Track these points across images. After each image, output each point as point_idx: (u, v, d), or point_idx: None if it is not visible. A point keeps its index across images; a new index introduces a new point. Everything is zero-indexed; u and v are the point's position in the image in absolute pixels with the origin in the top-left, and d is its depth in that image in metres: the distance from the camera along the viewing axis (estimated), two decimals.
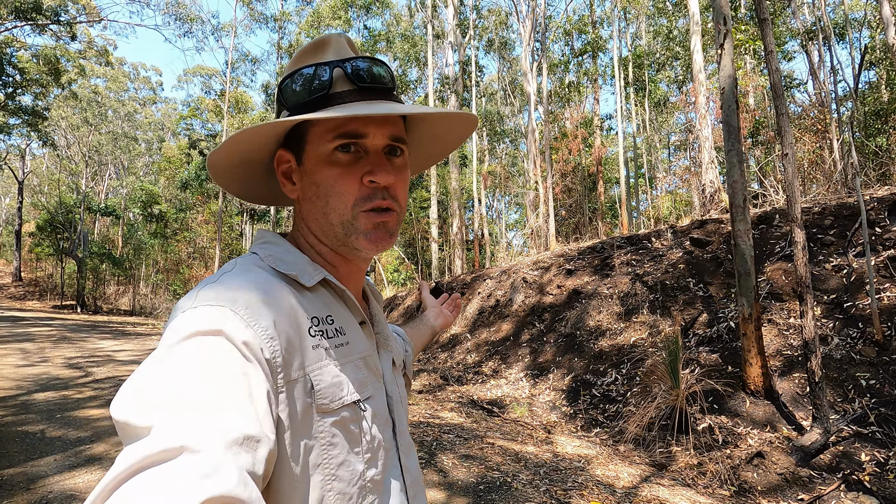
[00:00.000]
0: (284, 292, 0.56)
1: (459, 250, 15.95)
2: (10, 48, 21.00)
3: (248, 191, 0.72)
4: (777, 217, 6.78)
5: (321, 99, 0.60)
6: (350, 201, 0.60)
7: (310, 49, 0.65)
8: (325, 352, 0.57)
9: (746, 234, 4.70)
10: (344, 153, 0.60)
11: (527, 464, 3.67)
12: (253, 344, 0.49)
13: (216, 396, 0.43)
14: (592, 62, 21.24)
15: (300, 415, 0.52)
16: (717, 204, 9.80)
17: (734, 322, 5.54)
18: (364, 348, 0.64)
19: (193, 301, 0.51)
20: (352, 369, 0.60)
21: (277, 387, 0.50)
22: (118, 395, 0.44)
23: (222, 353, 0.46)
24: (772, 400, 4.46)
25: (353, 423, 0.57)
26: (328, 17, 22.67)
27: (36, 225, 25.08)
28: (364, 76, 0.61)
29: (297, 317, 0.56)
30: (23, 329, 12.31)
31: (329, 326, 0.59)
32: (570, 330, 7.05)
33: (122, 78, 34.48)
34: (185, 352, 0.46)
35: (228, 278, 0.55)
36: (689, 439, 4.25)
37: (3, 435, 3.85)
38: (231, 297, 0.51)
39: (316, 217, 0.62)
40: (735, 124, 4.84)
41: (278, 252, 0.62)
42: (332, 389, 0.56)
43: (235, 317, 0.49)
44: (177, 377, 0.44)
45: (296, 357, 0.53)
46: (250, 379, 0.47)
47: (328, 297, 0.63)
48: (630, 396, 5.25)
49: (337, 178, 0.60)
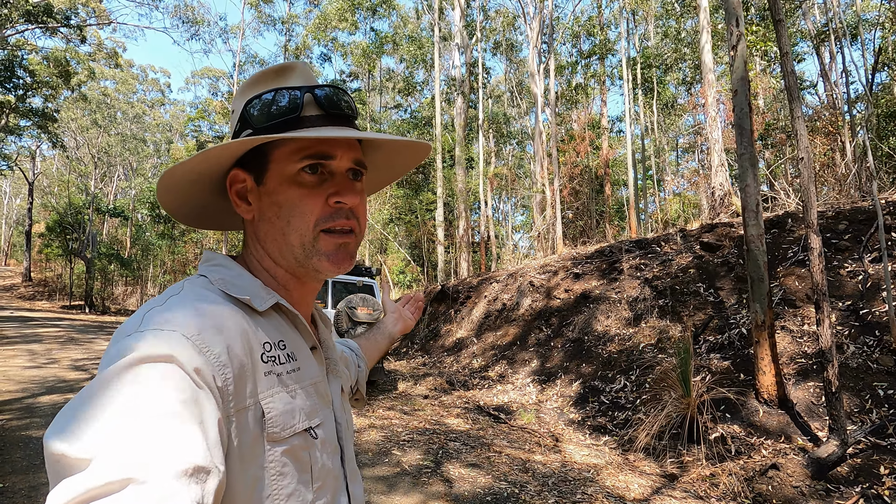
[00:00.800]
0: (236, 317, 0.55)
1: (465, 253, 15.88)
2: (22, 51, 21.20)
3: (191, 212, 0.70)
4: (789, 221, 6.66)
5: (292, 121, 0.60)
6: (312, 221, 0.60)
7: (272, 73, 0.65)
8: (277, 378, 0.56)
9: (759, 239, 4.60)
10: (310, 174, 0.60)
11: (535, 474, 3.60)
12: (205, 371, 0.47)
13: (165, 425, 0.41)
14: (600, 64, 21.13)
15: (250, 444, 0.51)
16: (726, 207, 9.67)
17: (746, 328, 5.43)
18: (315, 374, 0.63)
19: (139, 324, 0.49)
20: (303, 396, 0.59)
21: (229, 415, 0.49)
22: (54, 424, 0.41)
23: (173, 380, 0.44)
24: (786, 409, 4.36)
25: (303, 450, 0.56)
26: (335, 18, 22.72)
27: (46, 226, 25.31)
28: (333, 103, 0.62)
29: (250, 342, 0.55)
30: (31, 330, 12.38)
31: (281, 352, 0.58)
32: (578, 335, 6.96)
33: (130, 80, 34.76)
34: (132, 378, 0.43)
35: (177, 301, 0.53)
36: (701, 449, 4.15)
37: (7, 440, 3.83)
38: (181, 321, 0.49)
39: (275, 237, 0.61)
40: (748, 127, 4.74)
41: (229, 275, 0.61)
42: (284, 417, 0.55)
43: (187, 342, 0.47)
44: (121, 405, 0.41)
45: (247, 384, 0.52)
46: (202, 407, 0.45)
47: (280, 321, 0.62)
48: (640, 404, 5.15)
49: (302, 198, 0.60)
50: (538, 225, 14.37)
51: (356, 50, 24.34)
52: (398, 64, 27.77)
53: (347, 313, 6.07)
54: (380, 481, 3.41)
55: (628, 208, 14.52)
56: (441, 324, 10.12)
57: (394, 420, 5.16)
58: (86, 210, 24.71)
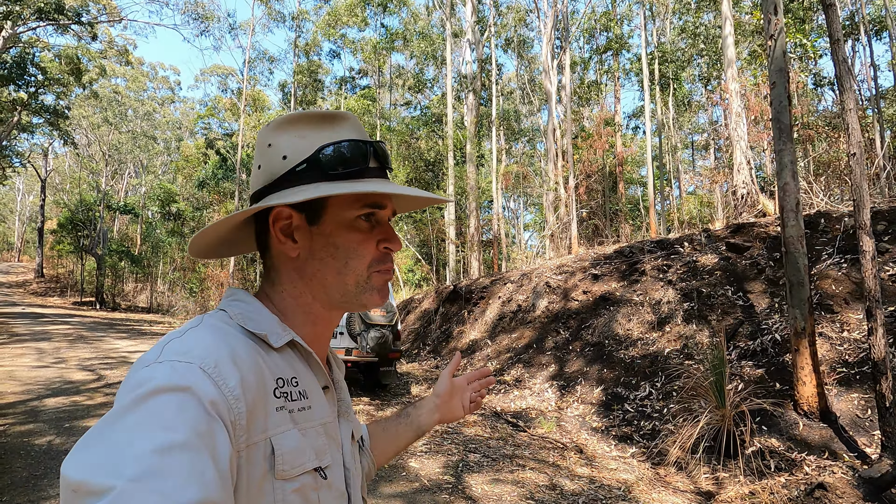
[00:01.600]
0: (252, 352, 0.56)
1: (476, 252, 15.64)
2: (34, 48, 21.25)
3: (210, 245, 0.71)
4: (822, 221, 6.35)
5: (360, 171, 0.65)
6: (367, 263, 0.64)
7: (320, 118, 0.67)
8: (289, 415, 0.57)
9: (799, 240, 4.32)
10: (366, 221, 0.64)
11: (563, 492, 3.36)
12: (220, 403, 0.48)
13: (181, 456, 0.42)
14: (614, 60, 20.75)
15: (258, 480, 0.51)
16: (749, 207, 9.34)
17: (780, 335, 5.15)
18: (325, 414, 0.64)
19: (159, 355, 0.50)
20: (313, 435, 0.59)
21: (239, 449, 0.50)
22: (74, 451, 0.42)
23: (190, 411, 0.45)
24: (828, 422, 4.09)
25: (312, 490, 0.56)
26: (345, 15, 22.53)
27: (58, 222, 25.42)
28: (385, 157, 0.68)
29: (264, 377, 0.55)
30: (41, 327, 12.34)
31: (293, 388, 0.59)
32: (598, 339, 6.70)
33: (141, 78, 34.85)
34: (151, 408, 0.44)
35: (195, 334, 0.54)
36: (738, 464, 3.90)
37: (8, 447, 3.67)
38: (199, 354, 0.50)
39: (325, 276, 0.64)
40: (787, 122, 4.46)
41: (248, 311, 0.62)
42: (293, 455, 0.55)
43: (203, 374, 0.48)
44: (140, 435, 0.42)
45: (258, 420, 0.52)
46: (215, 440, 0.45)
47: (294, 358, 0.63)
48: (667, 413, 4.90)
49: (359, 243, 0.64)
50: (551, 224, 14.08)
51: (366, 46, 24.14)
52: (408, 61, 27.54)
53: (360, 315, 5.88)
54: (397, 498, 3.19)
55: (650, 207, 14.16)
56: (453, 325, 9.90)
57: None
58: (97, 207, 24.79)
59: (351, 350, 5.99)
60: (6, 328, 11.39)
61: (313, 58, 26.33)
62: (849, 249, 5.60)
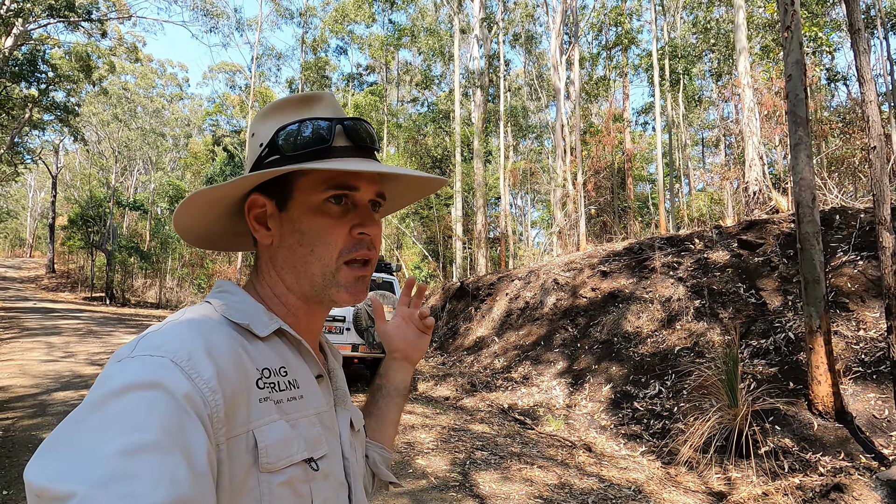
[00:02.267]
0: (232, 342, 0.54)
1: (483, 248, 15.58)
2: (45, 45, 21.41)
3: (201, 233, 0.70)
4: (837, 218, 6.23)
5: (322, 151, 0.61)
6: (336, 251, 0.61)
7: (297, 101, 0.65)
8: (276, 405, 0.54)
9: (815, 236, 4.23)
10: (335, 204, 0.61)
11: (572, 491, 3.31)
12: (194, 397, 0.46)
13: (150, 457, 0.40)
14: (623, 55, 20.55)
15: (242, 474, 0.49)
16: (762, 204, 9.19)
17: (794, 333, 5.06)
18: (319, 403, 0.61)
19: (132, 350, 0.48)
20: (305, 425, 0.57)
21: (219, 443, 0.48)
22: (37, 455, 0.40)
23: (160, 409, 0.43)
24: (844, 423, 4.00)
25: (302, 483, 0.54)
26: (352, 11, 22.48)
27: (68, 219, 25.66)
28: (360, 135, 0.63)
29: (245, 368, 0.53)
30: (52, 321, 12.45)
31: (281, 378, 0.57)
32: (607, 336, 6.63)
33: (150, 74, 35.04)
34: (118, 407, 0.42)
35: (173, 327, 0.52)
36: (751, 464, 3.82)
37: (16, 441, 3.68)
38: (172, 347, 0.48)
39: (294, 264, 0.62)
40: (803, 115, 4.36)
41: (233, 301, 0.60)
42: (279, 447, 0.52)
43: (175, 368, 0.46)
44: (106, 436, 0.40)
45: (239, 411, 0.50)
46: (189, 436, 0.43)
47: (283, 348, 0.61)
48: (678, 412, 4.82)
49: (327, 228, 0.60)
50: (559, 220, 13.97)
51: (374, 42, 24.09)
52: (415, 57, 27.44)
53: (367, 311, 5.85)
54: (405, 496, 3.16)
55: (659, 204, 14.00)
56: (460, 322, 9.85)
57: (415, 424, 4.92)
58: (106, 203, 24.99)
59: (357, 346, 5.97)
60: (17, 322, 11.51)
61: (321, 54, 26.32)
62: (865, 246, 5.48)
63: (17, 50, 18.12)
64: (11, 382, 5.54)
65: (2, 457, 3.37)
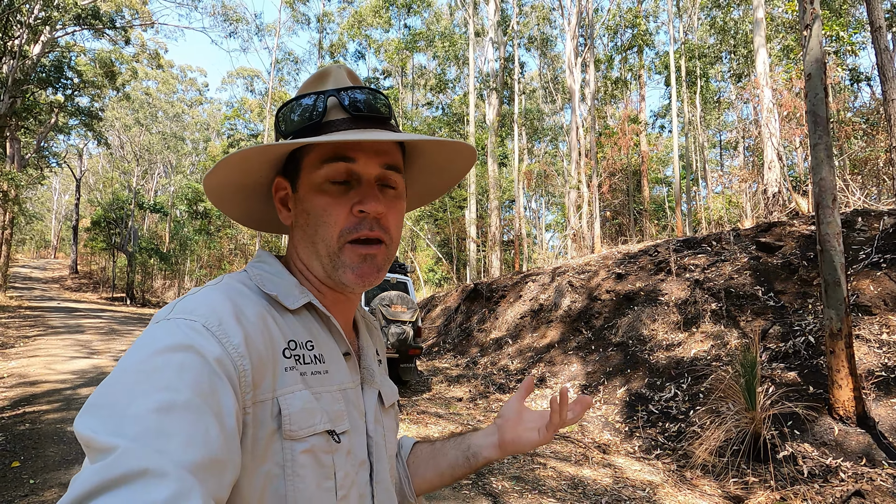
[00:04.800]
0: (262, 311, 0.55)
1: (497, 251, 15.56)
2: (71, 52, 22.03)
3: (249, 216, 0.72)
4: (859, 220, 6.10)
5: (314, 126, 0.60)
6: (336, 231, 0.59)
7: (311, 81, 0.65)
8: (301, 377, 0.55)
9: (836, 238, 4.15)
10: (334, 183, 0.59)
11: (585, 491, 3.30)
12: (224, 361, 0.47)
13: (183, 416, 0.41)
14: (638, 57, 20.39)
15: (265, 439, 0.50)
16: (781, 206, 9.04)
17: (814, 336, 4.96)
18: (344, 380, 0.61)
19: (169, 313, 0.50)
20: (328, 399, 0.57)
21: (245, 406, 0.49)
22: (83, 411, 0.42)
23: (192, 370, 0.44)
24: (866, 428, 3.91)
25: (325, 453, 0.54)
26: (369, 15, 22.71)
27: (91, 221, 26.30)
28: (359, 105, 0.61)
29: (272, 337, 0.54)
30: (75, 320, 12.78)
31: (308, 352, 0.57)
32: (622, 338, 6.58)
33: (171, 80, 35.81)
34: (154, 367, 0.44)
35: (207, 292, 0.54)
36: (769, 469, 3.76)
37: (42, 433, 3.79)
38: (204, 311, 0.50)
39: (305, 245, 0.61)
40: (823, 115, 4.29)
41: (268, 271, 0.61)
42: (302, 415, 0.53)
43: (207, 332, 0.48)
44: (143, 393, 0.42)
45: (266, 378, 0.51)
46: (219, 397, 0.45)
47: (312, 322, 0.61)
48: (694, 416, 4.77)
49: (326, 207, 0.59)
50: (573, 223, 13.90)
51: (390, 46, 24.28)
52: (430, 61, 27.58)
53: (382, 311, 5.90)
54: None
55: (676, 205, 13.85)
56: (475, 323, 9.86)
57: (428, 423, 4.94)
58: (128, 206, 25.56)
59: None
60: (43, 321, 11.84)
61: (339, 58, 26.64)
62: (889, 249, 5.36)
63: (44, 57, 18.67)
64: (37, 378, 5.71)
65: (28, 448, 3.48)
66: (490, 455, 0.76)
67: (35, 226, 43.59)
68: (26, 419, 4.12)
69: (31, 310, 14.35)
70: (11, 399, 4.84)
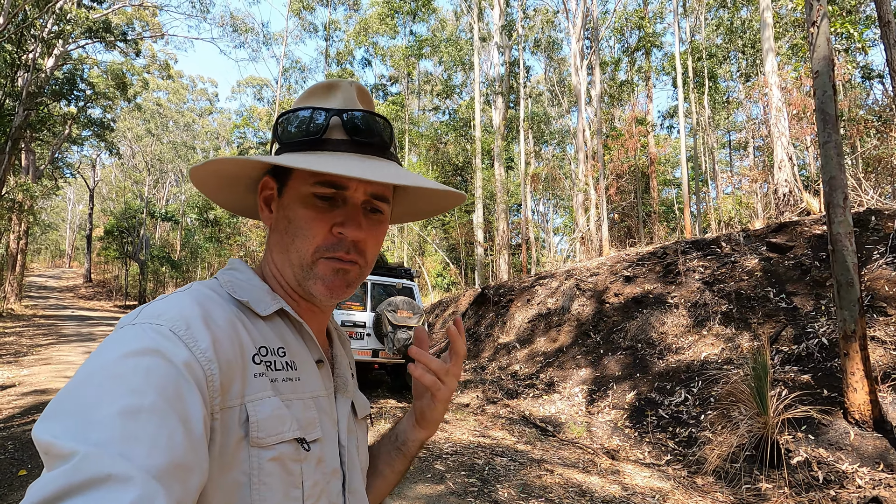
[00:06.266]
0: (231, 316, 0.55)
1: (505, 255, 15.50)
2: (84, 65, 22.45)
3: (232, 203, 0.72)
4: (873, 219, 5.98)
5: (313, 142, 0.60)
6: (312, 246, 0.59)
7: (319, 90, 0.65)
8: (271, 383, 0.55)
9: (848, 237, 4.07)
10: (323, 200, 0.59)
11: (593, 499, 3.24)
12: (192, 365, 0.47)
13: (148, 420, 0.41)
14: (646, 59, 20.29)
15: (232, 446, 0.50)
16: (792, 206, 8.90)
17: (827, 338, 4.86)
18: (317, 388, 0.61)
19: (135, 318, 0.50)
20: (299, 407, 0.57)
21: (213, 412, 0.48)
22: (43, 416, 0.41)
23: (158, 374, 0.44)
24: (882, 432, 3.81)
25: (293, 462, 0.53)
26: (375, 23, 22.87)
27: (104, 230, 26.69)
28: (360, 129, 0.61)
29: (242, 342, 0.53)
30: (87, 328, 12.93)
31: (279, 358, 0.57)
32: (631, 342, 6.50)
33: (181, 90, 36.33)
34: (119, 371, 0.43)
35: (176, 297, 0.54)
36: (783, 475, 3.67)
37: None
38: (171, 316, 0.50)
39: (280, 250, 0.62)
40: (832, 112, 4.22)
41: (238, 279, 0.61)
42: (271, 423, 0.52)
43: (173, 336, 0.48)
44: (108, 398, 0.41)
45: (234, 384, 0.51)
46: (186, 402, 0.44)
47: (284, 329, 0.61)
48: (705, 420, 4.68)
49: (308, 221, 0.59)
50: (581, 226, 13.81)
51: (396, 53, 24.43)
52: (436, 66, 27.70)
53: (388, 316, 5.88)
54: (421, 500, 3.15)
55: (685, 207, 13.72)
56: (482, 328, 9.81)
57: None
58: (140, 214, 25.90)
59: (378, 352, 6.00)
60: (56, 329, 12.00)
61: (346, 66, 26.86)
62: None
63: (57, 69, 19.03)
64: (49, 385, 5.77)
65: (36, 456, 3.50)
66: (417, 436, 0.74)
67: (50, 235, 44.31)
68: None
69: (45, 318, 14.56)
70: (22, 407, 4.89)
